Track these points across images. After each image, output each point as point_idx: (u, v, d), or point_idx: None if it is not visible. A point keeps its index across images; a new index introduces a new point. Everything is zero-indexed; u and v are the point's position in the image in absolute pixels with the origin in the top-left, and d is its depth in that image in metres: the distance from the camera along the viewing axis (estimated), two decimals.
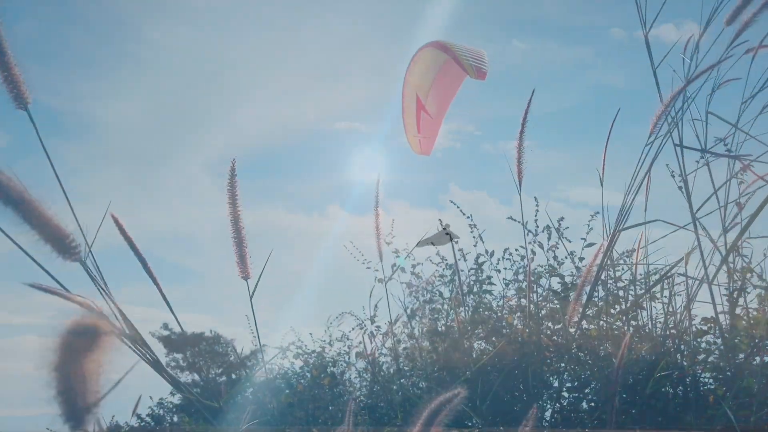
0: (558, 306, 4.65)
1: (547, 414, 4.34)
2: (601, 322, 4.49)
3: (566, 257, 4.83)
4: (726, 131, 4.48)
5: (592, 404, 4.32)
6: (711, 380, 4.15)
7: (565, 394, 4.43)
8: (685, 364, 4.16)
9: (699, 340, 4.24)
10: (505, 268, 5.03)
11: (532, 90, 4.52)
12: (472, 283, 5.07)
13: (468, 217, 5.03)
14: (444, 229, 4.81)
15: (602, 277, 4.52)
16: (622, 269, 4.85)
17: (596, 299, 4.58)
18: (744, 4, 4.13)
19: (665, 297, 4.57)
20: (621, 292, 4.73)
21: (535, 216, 4.81)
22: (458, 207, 5.02)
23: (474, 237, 5.02)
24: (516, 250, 5.00)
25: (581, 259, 4.79)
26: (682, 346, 4.28)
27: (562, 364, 4.40)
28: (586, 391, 4.37)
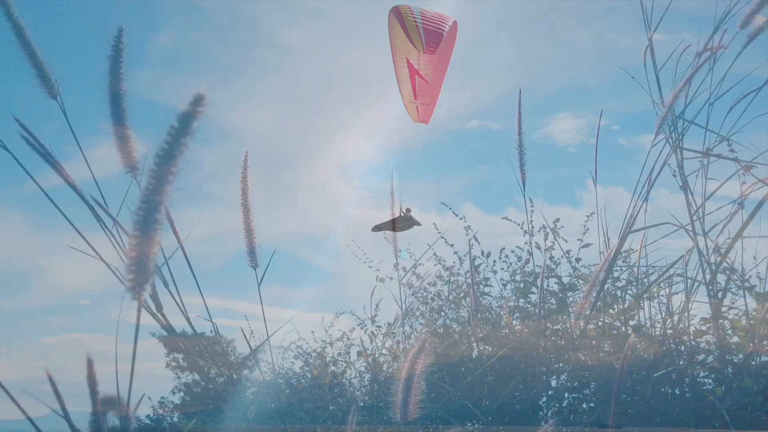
0: (556, 307, 4.66)
1: (548, 414, 4.36)
2: (600, 322, 4.51)
3: (562, 257, 4.84)
4: (726, 133, 4.50)
5: (592, 404, 4.34)
6: (710, 381, 4.17)
7: (565, 394, 4.44)
8: (683, 363, 4.18)
9: (698, 340, 4.26)
10: (501, 269, 5.04)
11: (519, 90, 4.52)
12: (469, 284, 5.07)
13: (461, 218, 5.03)
14: (404, 213, 4.68)
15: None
16: (621, 269, 4.87)
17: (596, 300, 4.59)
18: (758, 8, 4.13)
19: (663, 297, 4.58)
20: (619, 292, 4.75)
21: (531, 217, 4.81)
22: (450, 209, 5.02)
23: (470, 240, 5.02)
24: (512, 251, 5.01)
25: (578, 260, 4.81)
26: (681, 347, 4.30)
27: (561, 365, 4.41)
28: (586, 392, 4.39)
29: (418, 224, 4.78)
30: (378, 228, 4.66)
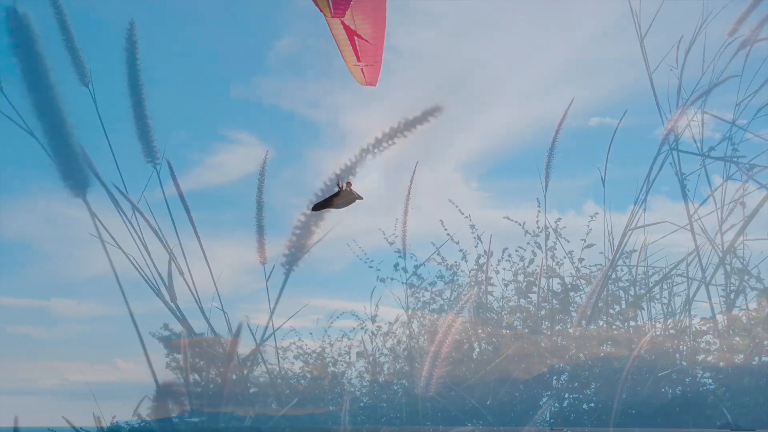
0: (558, 306, 4.67)
1: (547, 414, 4.36)
2: (601, 323, 4.52)
3: (564, 257, 4.86)
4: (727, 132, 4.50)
5: (592, 405, 4.35)
6: (710, 380, 4.18)
7: (566, 395, 4.45)
8: (684, 364, 4.18)
9: (699, 340, 4.26)
10: (504, 269, 5.06)
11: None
12: (472, 284, 5.08)
13: (467, 218, 5.04)
14: (343, 188, 4.55)
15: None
16: (622, 270, 4.88)
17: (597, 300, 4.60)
18: (745, 15, 4.17)
19: (665, 298, 4.60)
20: (621, 293, 4.76)
21: (536, 217, 4.83)
22: (457, 207, 5.04)
23: (475, 238, 5.04)
24: (515, 251, 5.02)
25: (581, 260, 4.82)
26: (682, 347, 4.30)
27: (561, 365, 4.41)
28: (587, 392, 4.39)
29: (360, 198, 4.69)
30: (318, 206, 4.59)
